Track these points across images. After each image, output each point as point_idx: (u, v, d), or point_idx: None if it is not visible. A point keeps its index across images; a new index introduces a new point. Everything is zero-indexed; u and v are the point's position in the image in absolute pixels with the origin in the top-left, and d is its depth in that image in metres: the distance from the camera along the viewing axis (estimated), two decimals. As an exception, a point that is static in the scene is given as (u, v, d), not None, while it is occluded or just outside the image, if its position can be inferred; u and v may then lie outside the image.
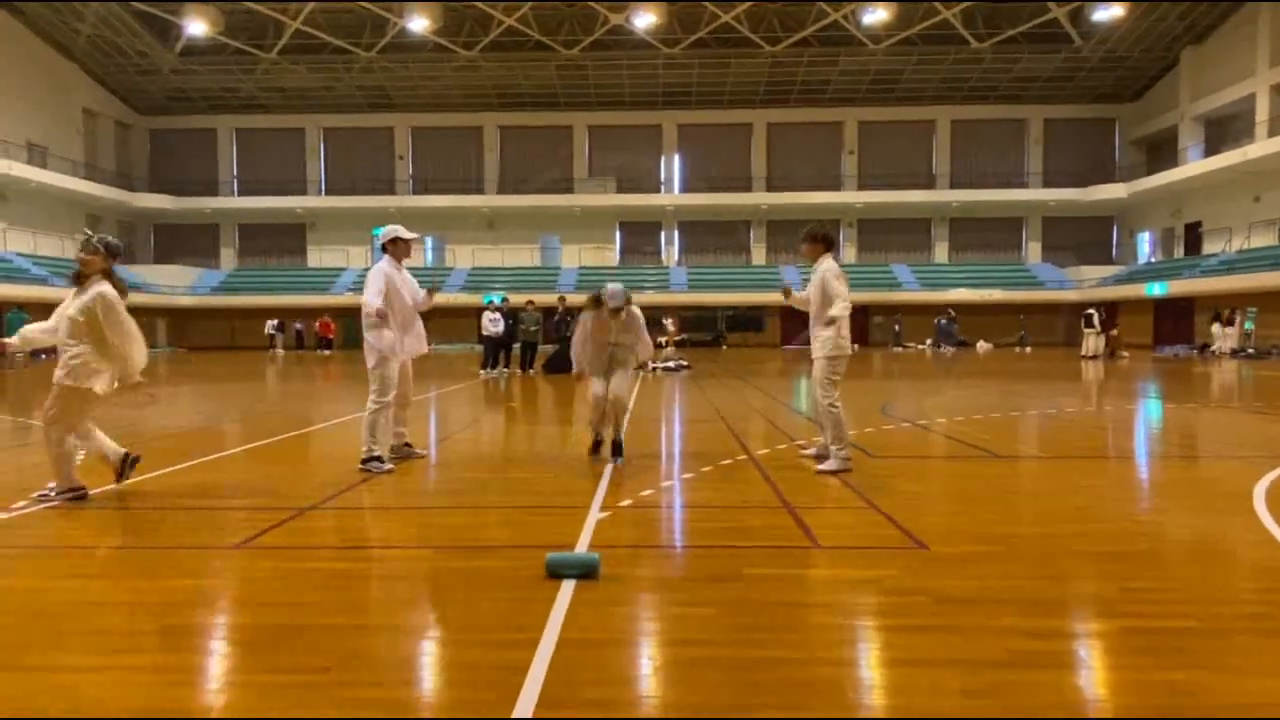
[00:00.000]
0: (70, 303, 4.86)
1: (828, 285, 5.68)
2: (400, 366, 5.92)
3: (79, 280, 4.89)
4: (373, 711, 2.24)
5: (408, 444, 6.25)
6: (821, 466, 5.61)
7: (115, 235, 32.62)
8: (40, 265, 34.22)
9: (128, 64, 39.32)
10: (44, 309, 30.16)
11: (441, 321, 39.54)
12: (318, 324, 35.15)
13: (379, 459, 5.62)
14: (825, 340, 5.67)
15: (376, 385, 5.73)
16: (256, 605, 3.12)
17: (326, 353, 32.97)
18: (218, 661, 2.63)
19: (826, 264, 5.76)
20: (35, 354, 26.97)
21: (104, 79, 40.65)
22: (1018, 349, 32.88)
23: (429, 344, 6.34)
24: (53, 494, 4.83)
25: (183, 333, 40.88)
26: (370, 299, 5.65)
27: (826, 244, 5.87)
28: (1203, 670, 2.47)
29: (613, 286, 6.06)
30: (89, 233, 5.11)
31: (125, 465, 5.01)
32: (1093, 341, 25.15)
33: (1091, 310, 26.14)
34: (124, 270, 39.65)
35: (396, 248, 5.90)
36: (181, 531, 4.25)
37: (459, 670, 2.54)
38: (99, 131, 41.36)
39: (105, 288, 4.82)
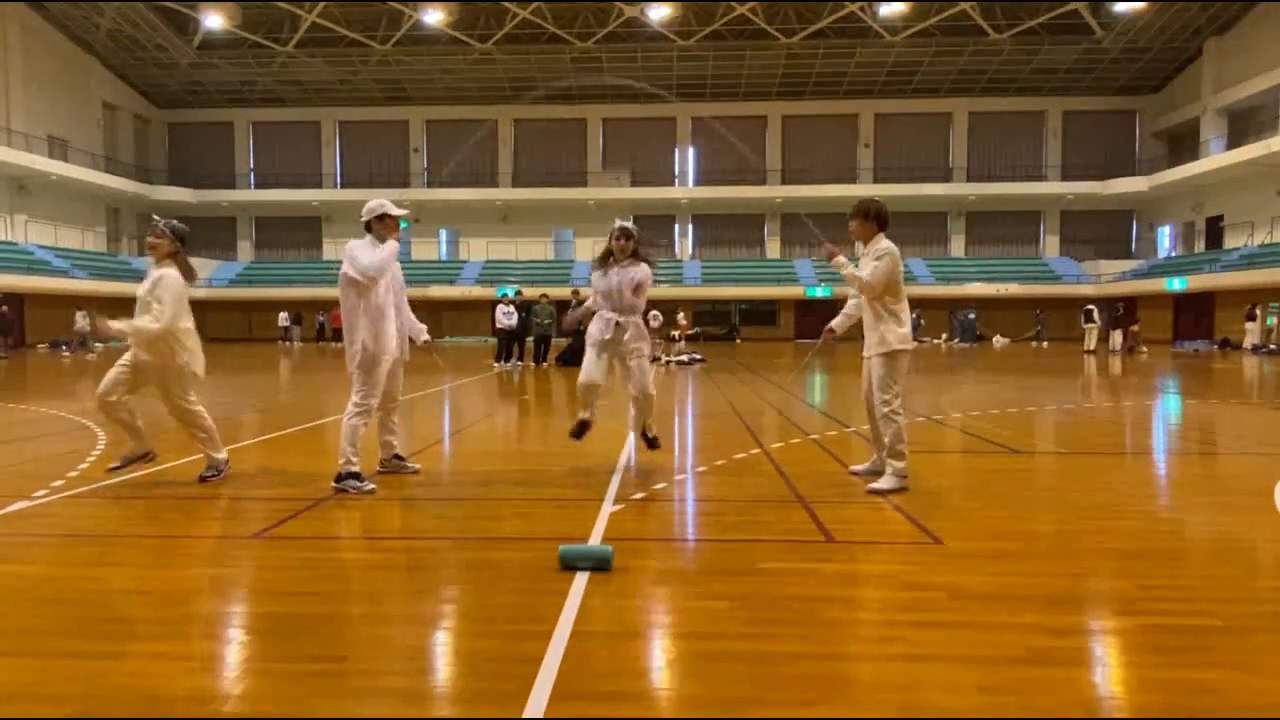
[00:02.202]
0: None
1: (866, 262, 4.85)
2: (395, 365, 5.21)
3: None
4: (389, 700, 2.25)
5: (398, 455, 5.47)
6: (874, 485, 4.84)
7: (134, 228, 32.93)
8: (61, 257, 34.63)
9: (146, 58, 39.64)
10: (65, 300, 30.26)
11: (455, 315, 39.76)
12: (326, 316, 35.27)
13: (357, 476, 4.86)
14: (876, 332, 4.89)
15: (361, 386, 4.96)
16: (274, 594, 3.14)
17: (339, 344, 33.09)
18: (235, 650, 2.65)
19: (884, 245, 4.88)
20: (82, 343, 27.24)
21: (123, 73, 41.02)
22: (1034, 344, 32.54)
23: (426, 339, 5.51)
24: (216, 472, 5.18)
25: (200, 324, 40.44)
26: (368, 264, 4.82)
27: (880, 221, 4.95)
28: (1225, 669, 2.43)
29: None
30: (157, 218, 5.26)
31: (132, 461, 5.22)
32: (1094, 336, 25.07)
33: (1091, 306, 26.05)
34: (143, 263, 40.06)
35: (384, 225, 5.11)
36: (199, 521, 4.28)
37: (474, 660, 2.55)
38: (118, 125, 41.76)
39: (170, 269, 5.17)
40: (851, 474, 5.37)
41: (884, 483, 4.84)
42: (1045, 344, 32.52)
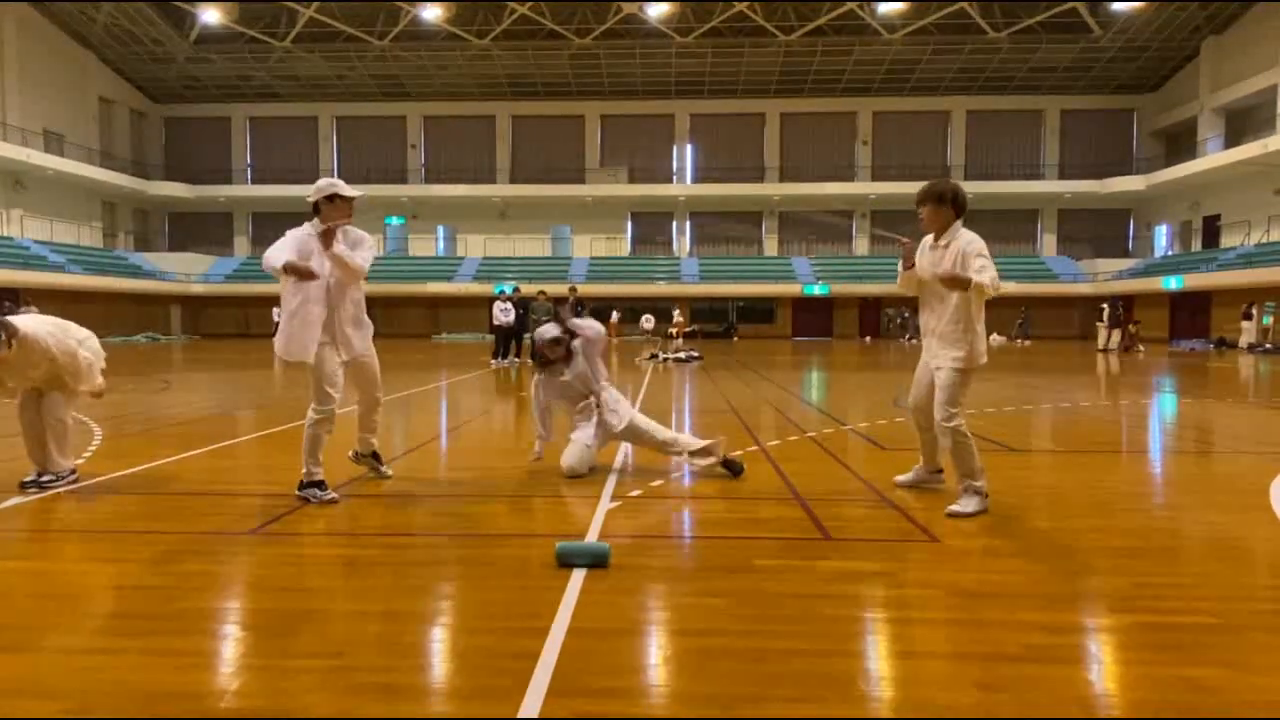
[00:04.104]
0: None
1: (969, 263, 4.09)
2: (359, 364, 4.75)
3: None
4: (385, 697, 2.25)
5: (375, 454, 5.14)
6: (954, 508, 4.19)
7: (130, 223, 32.32)
8: (57, 252, 34.51)
9: (143, 52, 39.49)
10: (62, 295, 30.13)
11: (452, 311, 39.71)
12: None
13: (319, 485, 4.50)
14: (959, 343, 4.26)
15: (313, 390, 4.51)
16: (270, 590, 3.14)
17: None
18: (231, 646, 2.64)
19: (965, 236, 4.22)
20: None
21: (120, 67, 40.86)
22: (1019, 342, 32.25)
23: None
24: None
25: (197, 320, 41.19)
26: (271, 255, 4.32)
27: (957, 207, 4.27)
28: (1220, 667, 2.44)
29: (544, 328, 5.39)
30: None
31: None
32: (1103, 335, 25.22)
33: (1104, 304, 26.21)
34: (140, 258, 39.97)
35: (335, 208, 4.52)
36: (195, 516, 4.27)
37: (470, 657, 2.54)
38: (115, 119, 41.61)
39: None
40: (897, 485, 4.86)
41: (966, 505, 4.19)
42: (1028, 342, 32.30)
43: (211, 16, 35.88)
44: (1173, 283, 32.89)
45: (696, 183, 43.39)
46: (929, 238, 4.43)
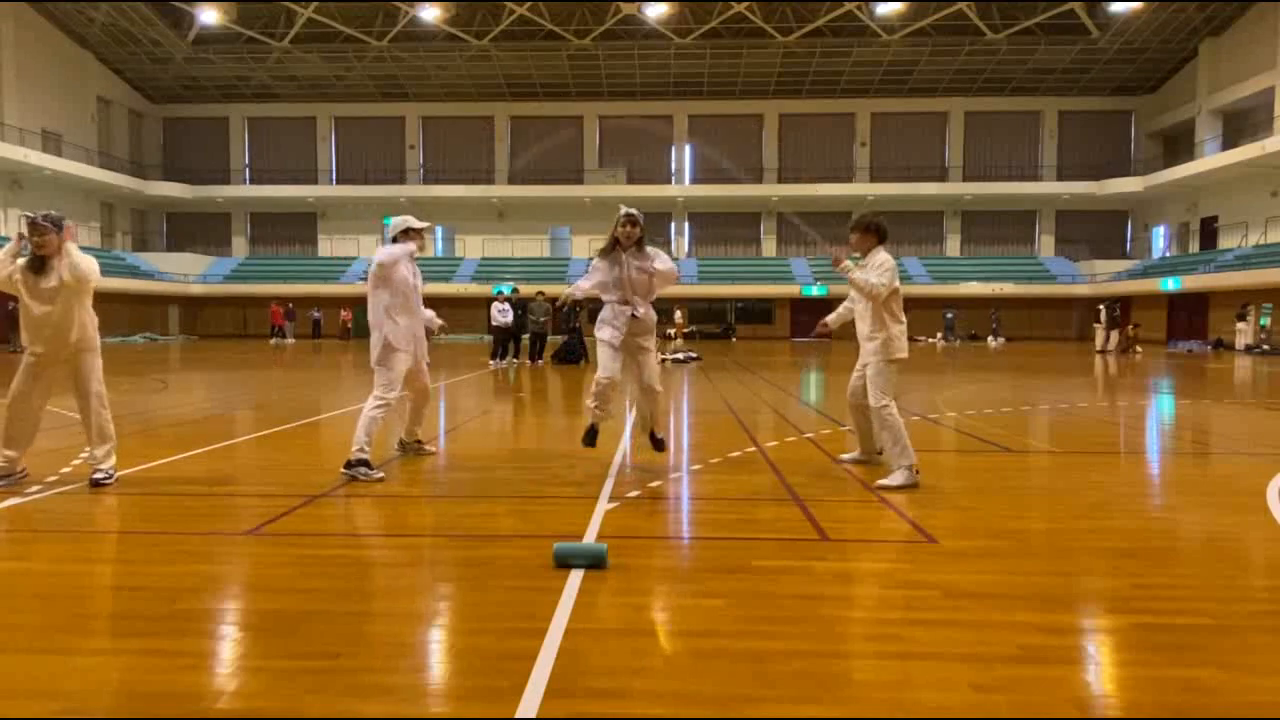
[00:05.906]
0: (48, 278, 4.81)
1: (869, 274, 5.08)
2: (415, 361, 5.59)
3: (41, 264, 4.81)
4: (383, 698, 2.25)
5: (419, 441, 6.02)
6: (883, 481, 4.95)
7: (129, 223, 31.90)
8: (54, 252, 34.43)
9: (141, 52, 39.46)
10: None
11: (450, 312, 39.66)
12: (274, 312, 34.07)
13: (368, 464, 5.09)
14: (885, 342, 5.13)
15: (383, 381, 5.31)
16: (268, 591, 3.14)
17: (273, 341, 32.23)
18: (229, 646, 2.64)
19: (883, 257, 5.17)
20: None
21: (118, 67, 40.82)
22: (993, 343, 31.96)
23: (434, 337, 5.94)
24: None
25: (194, 320, 41.15)
26: (380, 256, 5.29)
27: (880, 234, 5.30)
28: (1216, 668, 2.45)
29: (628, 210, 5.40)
30: (31, 214, 4.89)
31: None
32: (1101, 336, 25.30)
33: (1101, 305, 26.30)
34: (138, 258, 39.91)
35: (409, 239, 5.55)
36: (194, 517, 4.27)
37: (468, 658, 2.55)
38: (113, 119, 41.56)
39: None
40: (838, 462, 5.73)
41: (894, 479, 4.93)
42: (998, 341, 32.03)
43: (210, 17, 35.86)
44: (1170, 284, 32.93)
45: (695, 184, 43.40)
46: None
